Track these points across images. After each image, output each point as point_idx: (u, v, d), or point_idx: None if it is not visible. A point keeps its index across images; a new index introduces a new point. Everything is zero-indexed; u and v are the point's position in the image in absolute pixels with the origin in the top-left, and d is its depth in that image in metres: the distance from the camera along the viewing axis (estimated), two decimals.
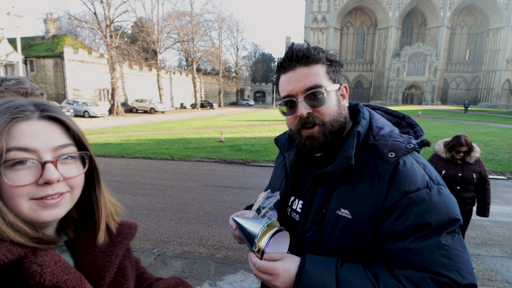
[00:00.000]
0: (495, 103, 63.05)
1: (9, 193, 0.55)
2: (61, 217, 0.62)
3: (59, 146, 0.60)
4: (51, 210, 0.58)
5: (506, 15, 61.19)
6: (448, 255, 0.75)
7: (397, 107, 53.64)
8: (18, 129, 0.56)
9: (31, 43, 31.84)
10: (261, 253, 0.85)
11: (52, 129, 0.60)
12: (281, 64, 0.93)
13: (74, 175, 0.61)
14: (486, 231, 4.79)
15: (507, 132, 17.68)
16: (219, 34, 60.40)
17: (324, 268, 0.80)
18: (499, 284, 3.47)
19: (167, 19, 42.90)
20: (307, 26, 70.12)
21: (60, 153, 0.59)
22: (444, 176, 3.50)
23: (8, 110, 0.57)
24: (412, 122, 1.00)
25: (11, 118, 0.56)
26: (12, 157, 0.54)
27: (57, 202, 0.58)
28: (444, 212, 0.78)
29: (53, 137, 0.59)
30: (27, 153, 0.55)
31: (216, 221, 5.05)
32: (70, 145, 0.62)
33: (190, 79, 49.90)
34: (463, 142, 3.43)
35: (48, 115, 0.60)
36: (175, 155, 10.35)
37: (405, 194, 0.79)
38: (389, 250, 0.79)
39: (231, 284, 3.23)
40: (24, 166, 0.55)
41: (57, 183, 0.58)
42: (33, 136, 0.57)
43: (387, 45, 67.23)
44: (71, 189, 0.62)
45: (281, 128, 18.56)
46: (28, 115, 0.58)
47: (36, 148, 0.56)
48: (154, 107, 33.94)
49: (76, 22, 33.11)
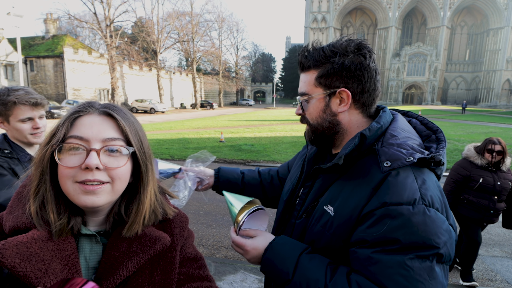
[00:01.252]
0: (495, 103, 63.05)
1: (61, 173, 0.64)
2: (101, 205, 0.66)
3: (108, 138, 0.66)
4: (90, 196, 0.64)
5: (506, 15, 61.20)
6: (407, 277, 0.72)
7: (397, 107, 53.34)
8: (80, 121, 0.67)
9: (31, 43, 31.84)
10: (238, 228, 0.96)
11: (107, 123, 0.68)
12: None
13: (114, 166, 0.66)
14: (486, 231, 4.79)
15: (507, 132, 17.67)
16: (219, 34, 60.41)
17: (290, 250, 0.89)
18: (499, 284, 3.47)
19: (167, 19, 42.90)
20: (307, 26, 70.13)
21: (108, 144, 0.66)
22: (482, 184, 3.19)
23: (79, 106, 0.70)
24: (441, 138, 0.94)
25: (77, 111, 0.68)
26: (69, 143, 0.64)
27: (95, 189, 0.64)
28: (421, 234, 0.74)
29: (105, 129, 0.67)
30: (81, 141, 0.64)
31: (216, 221, 5.05)
32: (118, 140, 0.68)
33: (190, 79, 49.91)
34: (495, 140, 3.17)
35: (106, 111, 0.69)
36: (175, 155, 10.35)
37: (383, 204, 0.78)
38: (355, 253, 0.80)
39: (231, 284, 3.22)
40: (77, 152, 0.64)
41: (98, 171, 0.64)
42: (89, 127, 0.66)
43: (387, 45, 67.24)
44: (112, 180, 0.66)
45: (281, 128, 18.56)
46: (91, 110, 0.68)
47: (89, 137, 0.65)
48: (154, 107, 33.93)
49: (76, 22, 33.14)
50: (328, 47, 0.92)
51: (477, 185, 3.21)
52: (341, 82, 0.91)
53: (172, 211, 0.81)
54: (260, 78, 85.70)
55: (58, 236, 0.65)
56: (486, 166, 3.23)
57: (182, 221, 0.82)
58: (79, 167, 0.63)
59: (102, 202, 0.66)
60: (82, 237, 0.70)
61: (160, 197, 0.79)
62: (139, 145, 0.72)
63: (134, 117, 0.75)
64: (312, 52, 0.94)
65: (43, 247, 0.62)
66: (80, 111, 0.68)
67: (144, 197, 0.73)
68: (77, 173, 0.63)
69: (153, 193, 0.75)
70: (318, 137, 1.00)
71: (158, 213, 0.76)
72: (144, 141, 0.74)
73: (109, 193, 0.67)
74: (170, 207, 0.81)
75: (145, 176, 0.73)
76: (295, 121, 24.23)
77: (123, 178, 0.69)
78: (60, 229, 0.65)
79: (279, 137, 14.36)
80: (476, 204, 3.24)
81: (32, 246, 0.61)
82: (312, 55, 0.93)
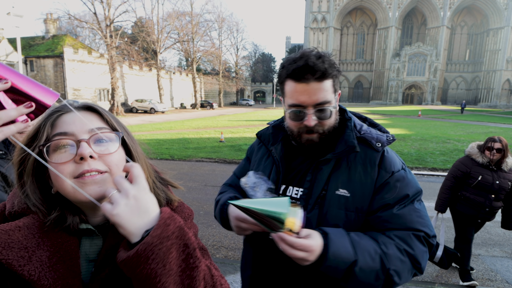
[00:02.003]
0: (495, 103, 63.05)
1: (55, 174, 0.62)
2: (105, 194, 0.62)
3: (94, 128, 0.67)
4: (91, 186, 0.62)
5: (506, 15, 61.19)
6: (421, 216, 1.02)
7: (397, 107, 53.62)
8: (61, 119, 0.67)
9: (31, 43, 31.82)
10: (295, 232, 0.87)
11: (88, 116, 0.69)
12: (293, 72, 0.98)
13: (107, 152, 0.66)
14: (486, 231, 4.79)
15: (507, 132, 17.67)
16: (219, 34, 60.44)
17: (341, 235, 0.95)
18: (499, 284, 3.47)
19: (167, 19, 42.89)
20: (307, 26, 70.11)
21: (95, 133, 0.66)
22: (480, 182, 3.23)
23: (56, 108, 0.70)
24: (374, 123, 1.24)
25: (55, 111, 0.68)
26: (56, 140, 0.64)
27: (95, 178, 0.63)
28: (415, 186, 1.06)
29: (88, 122, 0.67)
30: (67, 136, 0.64)
31: (216, 221, 5.03)
32: (104, 128, 0.68)
33: (190, 79, 49.89)
34: (496, 139, 3.22)
35: (85, 106, 0.70)
36: (175, 155, 10.35)
37: (392, 173, 1.05)
38: (380, 217, 1.01)
39: (231, 284, 3.22)
40: (66, 149, 0.64)
41: (94, 160, 0.63)
42: (71, 123, 0.66)
43: (387, 45, 67.23)
44: (109, 169, 0.65)
45: None
46: (69, 108, 0.68)
47: (73, 131, 0.65)
48: (154, 107, 33.92)
49: (76, 22, 33.12)
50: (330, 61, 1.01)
51: (475, 182, 3.26)
52: (338, 86, 1.07)
53: (177, 198, 0.80)
54: (260, 78, 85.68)
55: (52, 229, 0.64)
56: (487, 165, 3.26)
57: (185, 212, 0.81)
58: (72, 160, 0.62)
59: (105, 192, 0.63)
60: (83, 232, 0.69)
61: (161, 185, 0.78)
62: (125, 131, 0.72)
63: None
64: (328, 60, 1.00)
65: (27, 235, 0.61)
66: (58, 111, 0.68)
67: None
68: (73, 168, 0.62)
69: (150, 178, 0.74)
70: (325, 138, 1.08)
71: (160, 198, 0.75)
72: (127, 129, 0.75)
73: (110, 183, 0.65)
74: (175, 196, 0.81)
75: (138, 161, 0.72)
76: None
77: (119, 164, 0.67)
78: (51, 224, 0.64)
79: None
80: (472, 201, 3.30)
81: (15, 234, 0.60)
82: (328, 63, 0.99)
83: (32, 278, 0.58)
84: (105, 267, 0.65)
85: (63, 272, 0.61)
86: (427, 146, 12.32)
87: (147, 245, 0.54)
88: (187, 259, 0.59)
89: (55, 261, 0.62)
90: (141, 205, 0.59)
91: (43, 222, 0.64)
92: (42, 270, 0.60)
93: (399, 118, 28.22)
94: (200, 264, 0.62)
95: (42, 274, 0.59)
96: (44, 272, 0.60)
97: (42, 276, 0.59)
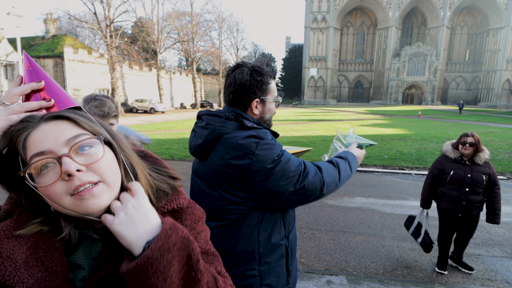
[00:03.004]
0: (495, 103, 63.02)
1: (47, 196, 0.58)
2: (106, 206, 0.60)
3: (71, 138, 0.60)
4: (90, 200, 0.58)
5: (506, 15, 61.17)
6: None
7: (397, 107, 53.61)
8: (31, 139, 0.59)
9: (31, 43, 31.84)
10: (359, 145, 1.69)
11: (60, 126, 0.61)
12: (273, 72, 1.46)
13: (94, 161, 0.60)
14: (486, 231, 4.79)
15: (507, 132, 17.67)
16: (219, 34, 60.47)
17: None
18: (499, 284, 3.47)
19: (167, 19, 42.89)
20: (307, 26, 70.09)
21: (74, 143, 0.59)
22: (452, 177, 3.40)
23: (18, 125, 0.62)
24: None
25: (22, 131, 0.60)
26: (34, 163, 0.57)
27: (92, 190, 0.58)
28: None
29: (60, 132, 0.60)
30: (45, 156, 0.58)
31: None
32: (82, 135, 0.61)
33: (190, 79, 49.89)
34: (468, 133, 3.37)
35: (51, 115, 0.62)
36: (175, 155, 10.34)
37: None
38: None
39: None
40: (49, 169, 0.58)
41: (83, 173, 0.58)
42: (44, 139, 0.59)
43: (387, 45, 67.20)
44: (102, 177, 0.60)
45: (281, 128, 18.57)
46: (34, 123, 0.61)
47: (49, 148, 0.58)
48: (154, 107, 33.93)
49: (76, 22, 33.13)
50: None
51: (448, 177, 3.44)
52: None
53: (180, 185, 0.77)
54: None
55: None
56: (459, 159, 3.43)
57: (195, 213, 0.76)
58: (60, 179, 0.57)
59: (106, 203, 0.60)
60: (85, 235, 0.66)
61: (160, 176, 0.75)
62: (104, 131, 0.66)
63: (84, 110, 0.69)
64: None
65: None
66: (24, 128, 0.60)
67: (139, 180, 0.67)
68: (65, 187, 0.57)
69: (146, 172, 0.70)
70: None
71: (164, 188, 0.71)
72: (106, 126, 0.68)
73: (107, 191, 0.61)
74: (177, 182, 0.77)
75: (125, 160, 0.67)
76: (295, 121, 24.23)
77: (110, 169, 0.62)
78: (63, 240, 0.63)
79: (279, 137, 14.33)
80: (449, 196, 3.47)
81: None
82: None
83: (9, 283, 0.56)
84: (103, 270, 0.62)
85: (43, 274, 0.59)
86: (427, 146, 12.32)
87: (146, 259, 0.53)
88: (190, 271, 0.57)
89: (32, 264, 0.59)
90: (139, 213, 0.59)
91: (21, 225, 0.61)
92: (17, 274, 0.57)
93: (399, 118, 28.22)
94: (203, 277, 0.59)
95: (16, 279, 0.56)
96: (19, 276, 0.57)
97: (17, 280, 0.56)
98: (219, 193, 1.29)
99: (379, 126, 20.29)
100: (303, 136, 15.02)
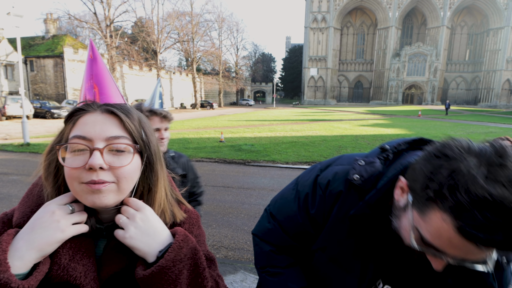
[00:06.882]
0: (495, 103, 63.07)
1: (67, 175, 0.63)
2: (109, 205, 0.64)
3: (112, 137, 0.64)
4: (97, 195, 0.62)
5: (506, 15, 61.22)
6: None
7: (397, 107, 53.63)
8: (83, 120, 0.65)
9: (31, 43, 31.85)
10: None
11: (110, 121, 0.65)
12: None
13: (118, 165, 0.64)
14: None
15: (507, 132, 17.68)
16: (219, 34, 60.47)
17: None
18: None
19: (167, 19, 42.93)
20: (307, 26, 70.14)
21: (111, 143, 0.64)
22: None
23: (80, 105, 0.68)
24: None
25: (78, 110, 0.67)
26: (72, 143, 0.63)
27: (101, 187, 0.62)
28: None
29: (108, 128, 0.64)
30: (84, 141, 0.62)
31: (216, 221, 5.05)
32: (122, 138, 0.65)
33: (190, 79, 49.92)
34: (503, 138, 3.29)
35: (108, 109, 0.67)
36: None
37: None
38: None
39: (231, 284, 3.23)
40: (81, 152, 0.63)
41: (103, 171, 0.62)
42: (92, 126, 0.64)
43: (387, 45, 67.24)
44: (117, 180, 0.64)
45: (281, 128, 18.57)
46: (93, 108, 0.66)
47: (91, 136, 0.63)
48: None
49: (76, 22, 33.21)
50: None
51: None
52: None
53: (181, 216, 0.79)
54: (260, 78, 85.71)
55: None
56: None
57: (192, 218, 0.81)
58: (83, 167, 0.61)
59: (110, 202, 0.64)
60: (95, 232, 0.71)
61: (172, 200, 0.78)
62: (144, 143, 0.69)
63: (139, 114, 0.72)
64: None
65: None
66: (82, 110, 0.66)
67: (153, 194, 0.72)
68: (81, 174, 0.61)
69: (163, 192, 0.74)
70: None
71: (167, 215, 0.74)
72: (151, 138, 0.72)
73: (115, 193, 0.64)
74: (181, 212, 0.80)
75: (154, 174, 0.72)
76: (295, 121, 24.25)
77: (129, 177, 0.66)
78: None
79: (279, 137, 14.36)
80: None
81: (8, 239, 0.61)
82: None
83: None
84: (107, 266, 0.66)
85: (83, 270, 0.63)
86: None
87: (160, 268, 0.61)
88: (196, 278, 0.65)
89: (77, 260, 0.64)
90: (149, 226, 0.66)
91: None
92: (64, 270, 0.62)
93: (399, 118, 28.23)
94: (208, 283, 0.67)
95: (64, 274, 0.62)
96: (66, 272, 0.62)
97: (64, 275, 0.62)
98: None
99: (379, 126, 20.29)
100: (303, 136, 15.02)
